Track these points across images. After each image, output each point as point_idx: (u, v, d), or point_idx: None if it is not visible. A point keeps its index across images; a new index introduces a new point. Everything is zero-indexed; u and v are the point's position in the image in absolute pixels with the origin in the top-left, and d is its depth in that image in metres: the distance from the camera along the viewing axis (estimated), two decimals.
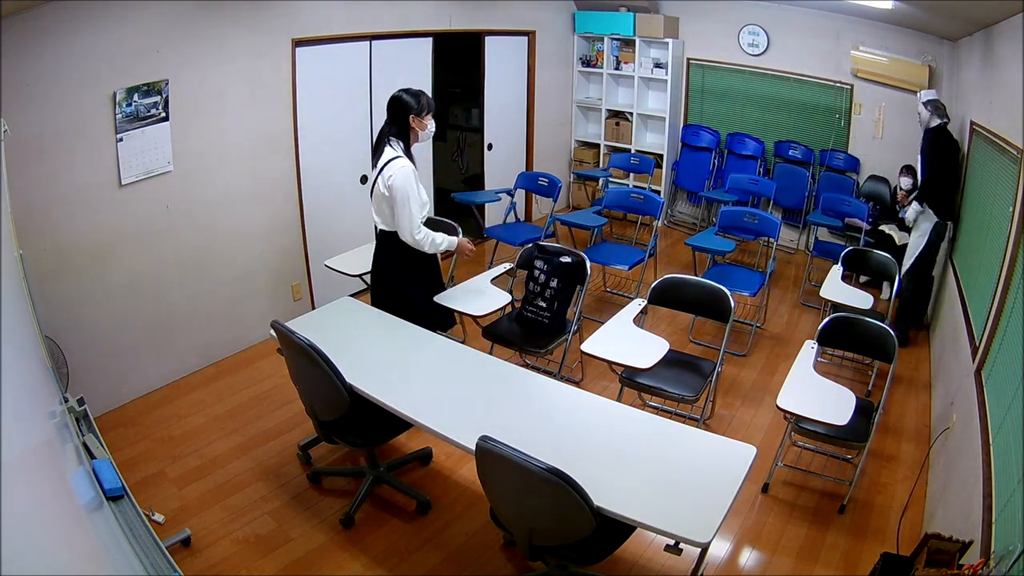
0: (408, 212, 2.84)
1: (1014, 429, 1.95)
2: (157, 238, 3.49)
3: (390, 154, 2.85)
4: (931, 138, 4.19)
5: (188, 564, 2.50)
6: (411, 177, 2.82)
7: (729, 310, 3.15)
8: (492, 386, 2.55)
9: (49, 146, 2.97)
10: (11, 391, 1.30)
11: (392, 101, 2.91)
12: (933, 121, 4.22)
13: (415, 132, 2.92)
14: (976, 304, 3.12)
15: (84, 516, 1.55)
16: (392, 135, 2.89)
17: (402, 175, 2.80)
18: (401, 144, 2.89)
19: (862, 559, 2.62)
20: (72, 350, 2.99)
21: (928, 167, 4.23)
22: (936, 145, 4.17)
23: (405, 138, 2.91)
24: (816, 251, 5.11)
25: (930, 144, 4.19)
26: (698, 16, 5.91)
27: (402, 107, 2.87)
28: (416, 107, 2.88)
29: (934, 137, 4.16)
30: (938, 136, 4.14)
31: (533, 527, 2.05)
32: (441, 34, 4.92)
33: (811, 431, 2.87)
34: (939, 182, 4.18)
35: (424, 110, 2.90)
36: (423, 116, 2.91)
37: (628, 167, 5.99)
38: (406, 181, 2.80)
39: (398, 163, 2.82)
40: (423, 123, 2.92)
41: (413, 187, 2.82)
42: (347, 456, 3.19)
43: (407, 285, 3.08)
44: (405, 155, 2.87)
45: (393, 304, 3.07)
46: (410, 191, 2.81)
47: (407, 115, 2.87)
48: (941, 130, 4.15)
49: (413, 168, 2.86)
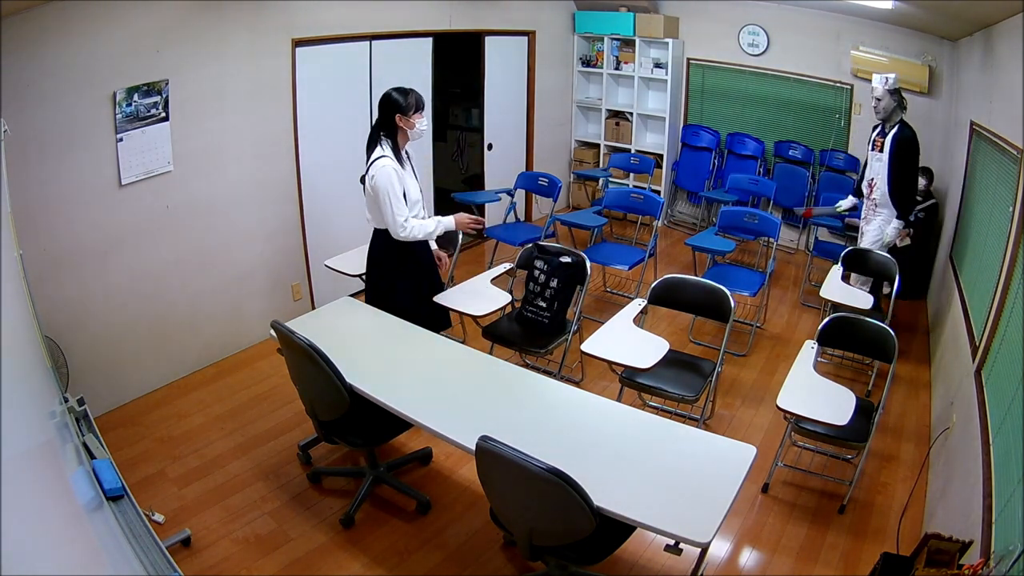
0: (391, 208, 2.84)
1: (1014, 429, 1.95)
2: (157, 238, 3.49)
3: (376, 153, 2.86)
4: (900, 142, 3.94)
5: (188, 564, 2.50)
6: (392, 175, 2.81)
7: (729, 310, 3.15)
8: (492, 386, 2.55)
9: (49, 146, 2.97)
10: (11, 391, 1.30)
11: (382, 99, 2.89)
12: (896, 114, 3.97)
13: (403, 132, 2.90)
14: (976, 304, 3.12)
15: (84, 516, 1.55)
16: (382, 134, 2.89)
17: (382, 173, 2.81)
18: (389, 143, 2.88)
19: (862, 559, 2.62)
20: (72, 350, 2.99)
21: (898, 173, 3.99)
22: (906, 151, 3.95)
23: (393, 137, 2.89)
24: (816, 251, 5.12)
25: (900, 149, 3.95)
26: (698, 16, 5.91)
27: (389, 105, 2.85)
28: (403, 105, 2.84)
29: (902, 142, 3.94)
30: (906, 141, 3.93)
31: (533, 527, 2.05)
32: (441, 34, 4.92)
33: (811, 431, 2.87)
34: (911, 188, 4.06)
35: (412, 109, 2.86)
36: (410, 115, 2.86)
37: (628, 167, 5.99)
38: (386, 178, 2.80)
39: (380, 162, 2.82)
40: (411, 122, 2.88)
41: (394, 183, 2.81)
42: (347, 456, 3.19)
43: (400, 280, 3.07)
44: (393, 154, 2.86)
45: (385, 301, 3.07)
46: (390, 188, 2.81)
47: (393, 114, 2.85)
48: (907, 132, 3.94)
49: (395, 165, 2.84)
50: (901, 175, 3.99)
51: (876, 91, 3.95)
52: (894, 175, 3.99)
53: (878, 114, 4.01)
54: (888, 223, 4.10)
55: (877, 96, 3.95)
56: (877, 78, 3.94)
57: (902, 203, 4.04)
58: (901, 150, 3.94)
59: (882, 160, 4.03)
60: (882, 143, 4.05)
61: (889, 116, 3.99)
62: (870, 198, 4.20)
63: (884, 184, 4.04)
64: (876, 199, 4.13)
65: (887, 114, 3.97)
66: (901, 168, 3.98)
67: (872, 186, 4.16)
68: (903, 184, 4.02)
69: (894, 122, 3.98)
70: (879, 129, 4.12)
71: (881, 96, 3.94)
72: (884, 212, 4.11)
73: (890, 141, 3.98)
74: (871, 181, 4.17)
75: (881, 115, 4.00)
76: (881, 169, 4.05)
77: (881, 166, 4.05)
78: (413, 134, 2.92)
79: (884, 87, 3.90)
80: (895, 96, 3.92)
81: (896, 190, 4.01)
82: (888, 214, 4.09)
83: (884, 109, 3.96)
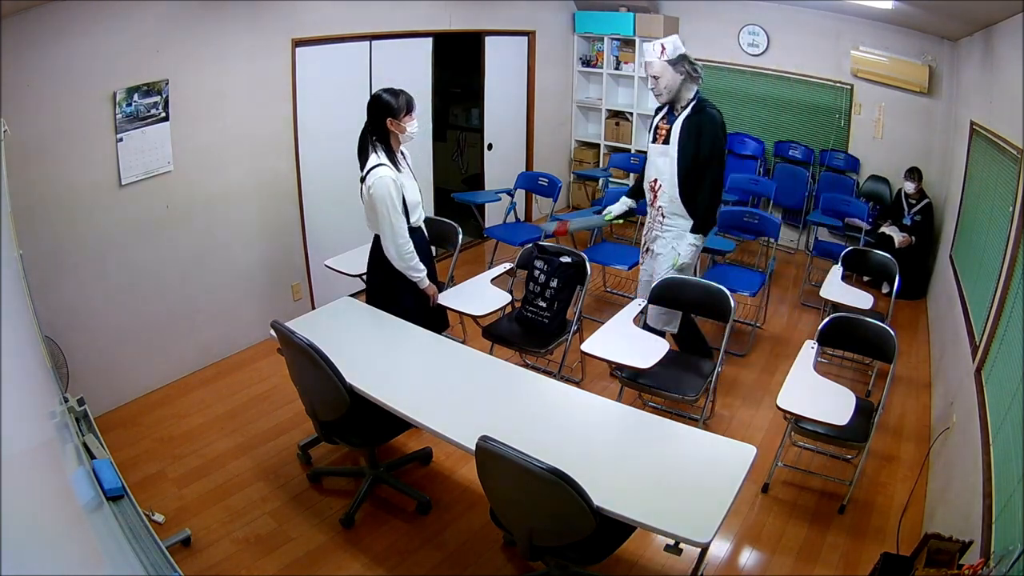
0: (388, 222, 2.78)
1: (1014, 429, 1.95)
2: (157, 238, 3.49)
3: (373, 161, 2.77)
4: (693, 128, 3.00)
5: (188, 564, 2.50)
6: (390, 186, 2.73)
7: (729, 310, 3.14)
8: (492, 386, 2.55)
9: (49, 146, 2.97)
10: (11, 391, 1.30)
11: (371, 101, 2.77)
12: (686, 91, 3.03)
13: (395, 135, 2.81)
14: (976, 304, 3.12)
15: (84, 516, 1.55)
16: (374, 139, 2.80)
17: (380, 185, 2.72)
18: (382, 148, 2.78)
19: (862, 559, 2.62)
20: (72, 350, 2.99)
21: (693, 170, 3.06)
22: (701, 138, 3.02)
23: (386, 141, 2.80)
24: (816, 251, 5.12)
25: (693, 136, 3.01)
26: (698, 16, 5.91)
27: (380, 108, 2.75)
28: (395, 108, 2.74)
29: (697, 127, 3.00)
30: (702, 124, 3.01)
31: (533, 527, 2.05)
32: (441, 34, 4.92)
33: (811, 431, 2.87)
34: (713, 190, 3.09)
35: (403, 111, 2.76)
36: (401, 118, 2.76)
37: (628, 167, 5.99)
38: (384, 191, 2.72)
39: (378, 172, 2.73)
40: (402, 126, 2.78)
41: (392, 195, 2.74)
42: (347, 456, 3.19)
43: (401, 283, 3.06)
44: (389, 160, 2.77)
45: (387, 305, 3.06)
46: (388, 201, 2.73)
47: (384, 118, 2.75)
48: (705, 114, 3.03)
49: (393, 175, 2.75)
50: (697, 173, 3.06)
51: (651, 66, 2.99)
52: (685, 173, 3.08)
53: (659, 96, 3.06)
54: (681, 239, 3.17)
55: (653, 73, 3.00)
56: (648, 48, 3.00)
57: (699, 212, 3.11)
58: (694, 137, 3.01)
59: (668, 155, 3.11)
60: (667, 131, 3.10)
61: (676, 96, 3.06)
62: (654, 205, 3.30)
63: (672, 187, 3.12)
64: (663, 206, 3.22)
65: (672, 94, 3.05)
66: (697, 163, 3.05)
67: (655, 190, 3.24)
68: (700, 185, 3.08)
69: (685, 102, 3.06)
70: (663, 113, 3.17)
71: (659, 72, 2.98)
72: (675, 225, 3.21)
73: (679, 128, 3.05)
74: (653, 183, 3.25)
75: (664, 96, 3.06)
76: (667, 166, 3.13)
77: (667, 162, 3.13)
78: (404, 137, 2.84)
79: (660, 58, 2.95)
80: (680, 67, 2.98)
81: (690, 193, 3.09)
82: (680, 227, 3.16)
83: (667, 88, 3.02)
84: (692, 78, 3.00)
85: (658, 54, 2.95)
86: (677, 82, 3.00)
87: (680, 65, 2.97)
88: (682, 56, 2.97)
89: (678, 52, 2.96)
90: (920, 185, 4.91)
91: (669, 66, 2.97)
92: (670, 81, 2.99)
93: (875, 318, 3.10)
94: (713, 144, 3.03)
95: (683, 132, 3.05)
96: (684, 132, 3.04)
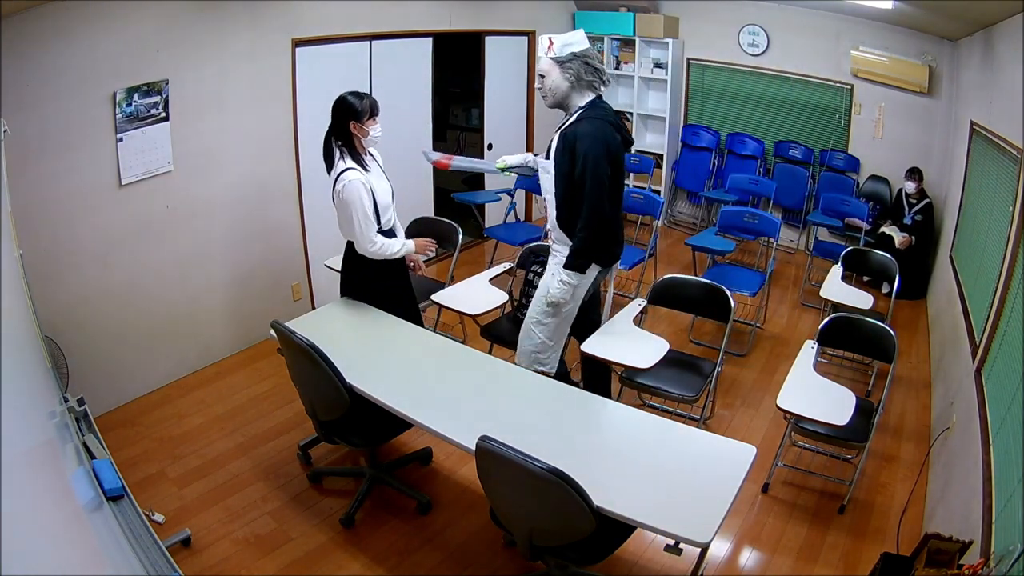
0: (359, 225, 2.74)
1: (1014, 429, 1.95)
2: (157, 238, 3.49)
3: (340, 167, 2.73)
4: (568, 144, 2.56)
5: (188, 564, 2.50)
6: (360, 189, 2.68)
7: (729, 310, 3.15)
8: (492, 386, 2.55)
9: (49, 146, 2.97)
10: (11, 391, 1.30)
11: (335, 104, 2.70)
12: (575, 98, 2.61)
13: (357, 139, 2.74)
14: (976, 304, 3.12)
15: (84, 516, 1.55)
16: (338, 143, 2.74)
17: (350, 188, 2.68)
18: (347, 151, 2.73)
19: (862, 559, 2.62)
20: (72, 350, 2.99)
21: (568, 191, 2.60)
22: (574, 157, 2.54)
23: (350, 145, 2.74)
24: (816, 251, 5.12)
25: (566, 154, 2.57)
26: (698, 16, 5.91)
27: (344, 110, 2.68)
28: (358, 111, 2.67)
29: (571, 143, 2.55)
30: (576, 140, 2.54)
31: (533, 527, 2.05)
32: (441, 34, 4.92)
33: (811, 431, 2.87)
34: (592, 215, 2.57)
35: (366, 114, 2.69)
36: (364, 121, 2.70)
37: (628, 167, 5.98)
38: (354, 194, 2.69)
39: (346, 175, 2.68)
40: (364, 129, 2.71)
41: (363, 198, 2.70)
42: (347, 456, 3.19)
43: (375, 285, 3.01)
44: (356, 163, 2.73)
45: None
46: (358, 203, 2.70)
47: (348, 120, 2.68)
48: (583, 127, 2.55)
49: (363, 178, 2.70)
50: (576, 197, 2.58)
51: (539, 62, 2.64)
52: (562, 196, 2.64)
53: (544, 99, 2.68)
54: (559, 271, 2.69)
55: (539, 70, 2.64)
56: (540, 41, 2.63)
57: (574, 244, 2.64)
58: (568, 154, 2.57)
59: (548, 172, 2.69)
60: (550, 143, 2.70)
61: (564, 101, 2.64)
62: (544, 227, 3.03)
63: (553, 209, 2.71)
64: (550, 229, 2.82)
65: (556, 98, 2.64)
66: (572, 184, 2.58)
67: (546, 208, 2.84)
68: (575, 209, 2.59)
69: (573, 109, 2.64)
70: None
71: (545, 70, 2.61)
72: (559, 251, 2.74)
73: (555, 141, 2.65)
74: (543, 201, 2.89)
75: (548, 100, 2.66)
76: (549, 184, 2.71)
77: (548, 180, 2.71)
78: (367, 141, 2.77)
79: (546, 54, 2.57)
80: (570, 68, 2.56)
81: (567, 220, 2.65)
82: (562, 256, 2.69)
83: (551, 91, 2.62)
84: (585, 83, 2.59)
85: (544, 49, 2.59)
86: (563, 86, 2.60)
87: (570, 65, 2.56)
88: (575, 55, 2.56)
89: (568, 50, 2.55)
90: (921, 185, 4.91)
91: (556, 65, 2.58)
92: (555, 83, 2.61)
93: (875, 318, 3.11)
94: (585, 164, 2.51)
95: (558, 147, 2.63)
96: (559, 147, 2.62)
